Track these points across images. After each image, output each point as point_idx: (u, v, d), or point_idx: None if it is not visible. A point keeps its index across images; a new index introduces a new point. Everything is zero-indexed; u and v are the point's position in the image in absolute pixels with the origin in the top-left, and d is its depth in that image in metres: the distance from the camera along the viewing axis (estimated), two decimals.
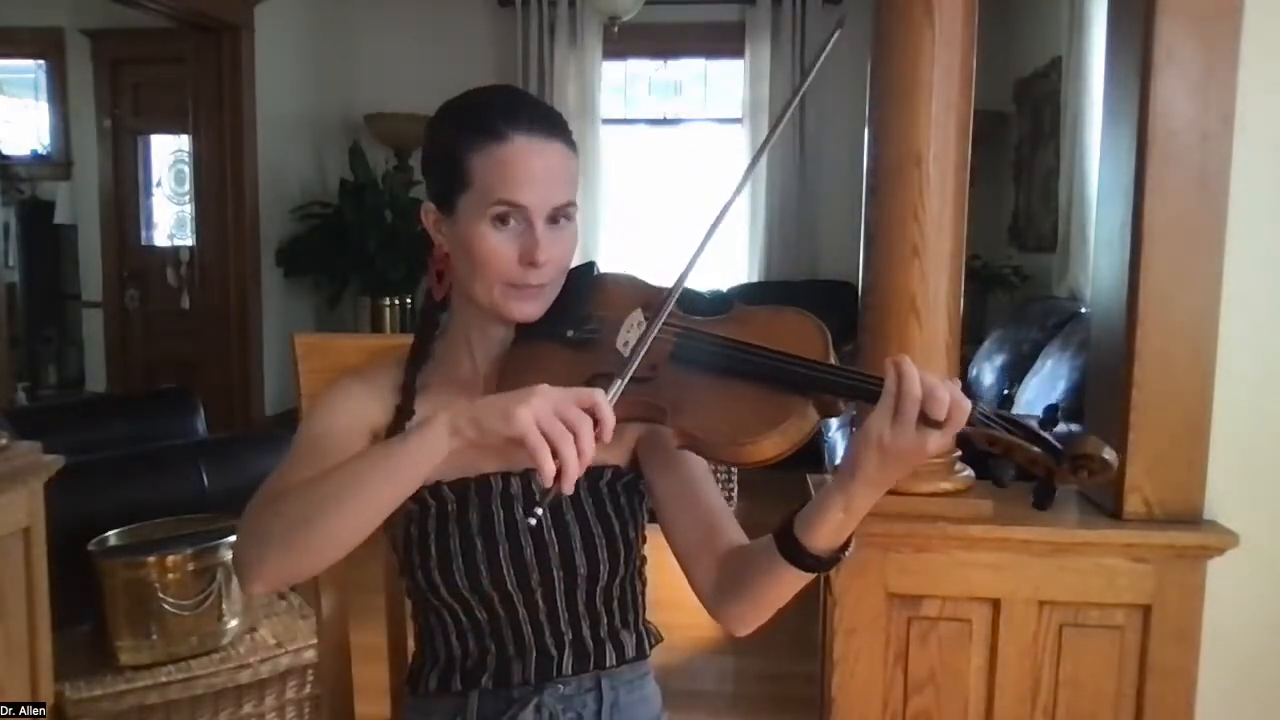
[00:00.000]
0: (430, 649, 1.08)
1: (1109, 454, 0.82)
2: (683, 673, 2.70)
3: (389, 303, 5.43)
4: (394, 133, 5.51)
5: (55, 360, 6.32)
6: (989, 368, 3.79)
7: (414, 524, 1.02)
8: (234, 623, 2.18)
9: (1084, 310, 3.36)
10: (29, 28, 5.80)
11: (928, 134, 1.31)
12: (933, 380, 0.82)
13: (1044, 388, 3.01)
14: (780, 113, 0.99)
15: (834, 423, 3.64)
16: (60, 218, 6.10)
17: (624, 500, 1.07)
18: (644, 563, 1.13)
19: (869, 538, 0.96)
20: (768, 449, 0.88)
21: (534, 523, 0.82)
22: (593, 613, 1.06)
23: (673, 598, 1.53)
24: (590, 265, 1.10)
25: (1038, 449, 0.84)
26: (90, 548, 2.12)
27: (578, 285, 1.06)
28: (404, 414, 1.04)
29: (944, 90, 1.31)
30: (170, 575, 2.08)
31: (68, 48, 5.78)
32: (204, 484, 2.46)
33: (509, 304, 1.01)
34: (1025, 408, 3.00)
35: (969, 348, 3.89)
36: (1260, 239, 1.35)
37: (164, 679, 2.05)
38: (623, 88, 6.12)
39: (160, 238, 5.80)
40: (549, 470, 0.78)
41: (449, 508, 1.02)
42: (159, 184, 5.80)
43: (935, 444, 0.83)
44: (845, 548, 0.92)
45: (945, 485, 1.35)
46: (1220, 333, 1.34)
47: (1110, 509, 1.38)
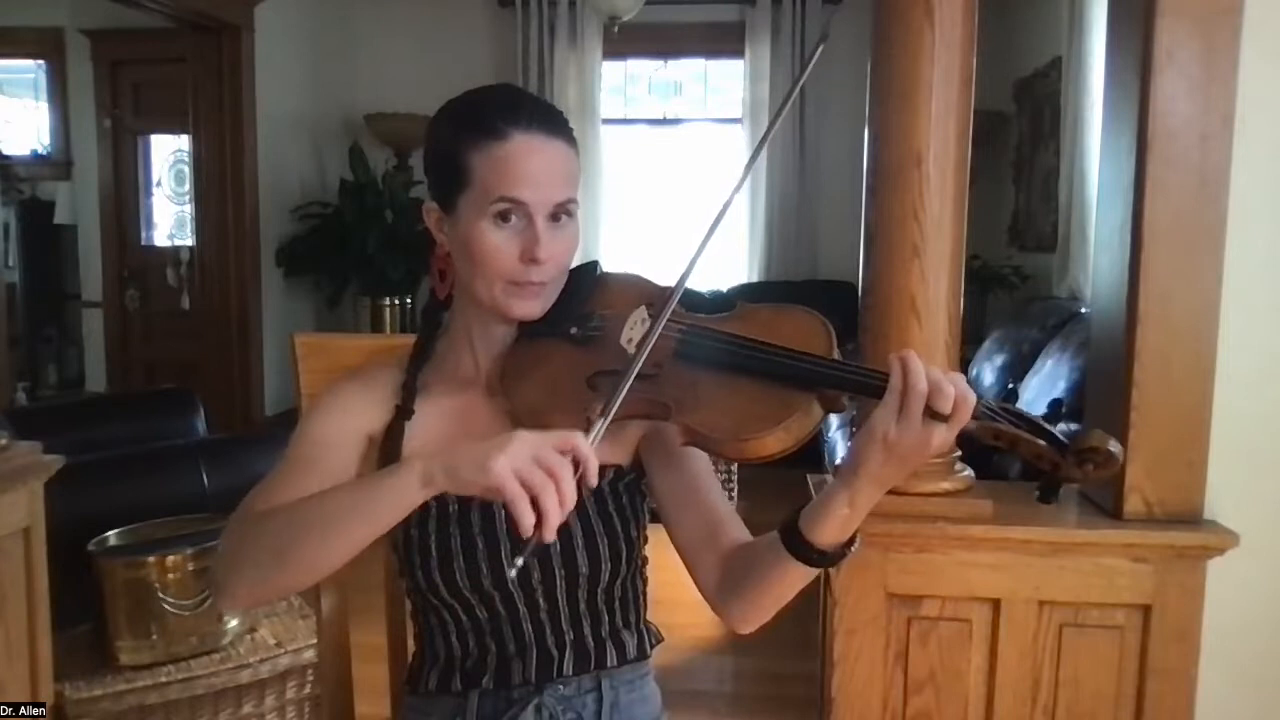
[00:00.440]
0: (430, 649, 1.08)
1: (1114, 446, 0.82)
2: (683, 673, 2.70)
3: (389, 303, 5.43)
4: (394, 133, 5.52)
5: (55, 360, 6.32)
6: (989, 368, 3.78)
7: (414, 524, 1.02)
8: (234, 623, 2.18)
9: (1084, 310, 3.36)
10: (29, 28, 5.81)
11: (928, 134, 1.31)
12: (938, 374, 0.82)
13: (1044, 388, 3.01)
14: (770, 122, 0.98)
15: (834, 423, 3.64)
16: (60, 218, 6.10)
17: (626, 500, 1.07)
18: (645, 562, 1.13)
19: (869, 538, 0.96)
20: (772, 445, 0.88)
21: (514, 573, 0.79)
22: (594, 612, 1.06)
23: (673, 597, 1.53)
24: (593, 264, 1.10)
25: (1043, 442, 0.83)
26: (90, 548, 2.12)
27: (580, 284, 1.06)
28: (404, 413, 1.04)
29: (944, 90, 1.30)
30: (170, 575, 2.09)
31: (68, 48, 5.79)
32: (204, 484, 2.46)
33: (511, 302, 1.01)
34: (1026, 407, 2.99)
35: (969, 348, 3.89)
36: (1260, 239, 1.35)
37: (164, 679, 2.05)
38: (623, 88, 6.12)
39: (160, 238, 5.81)
40: (528, 522, 0.76)
41: (450, 508, 1.02)
42: (159, 184, 5.80)
43: (940, 438, 0.83)
44: (850, 543, 0.93)
45: (945, 485, 1.35)
46: (1220, 332, 1.34)
47: (1110, 509, 1.38)
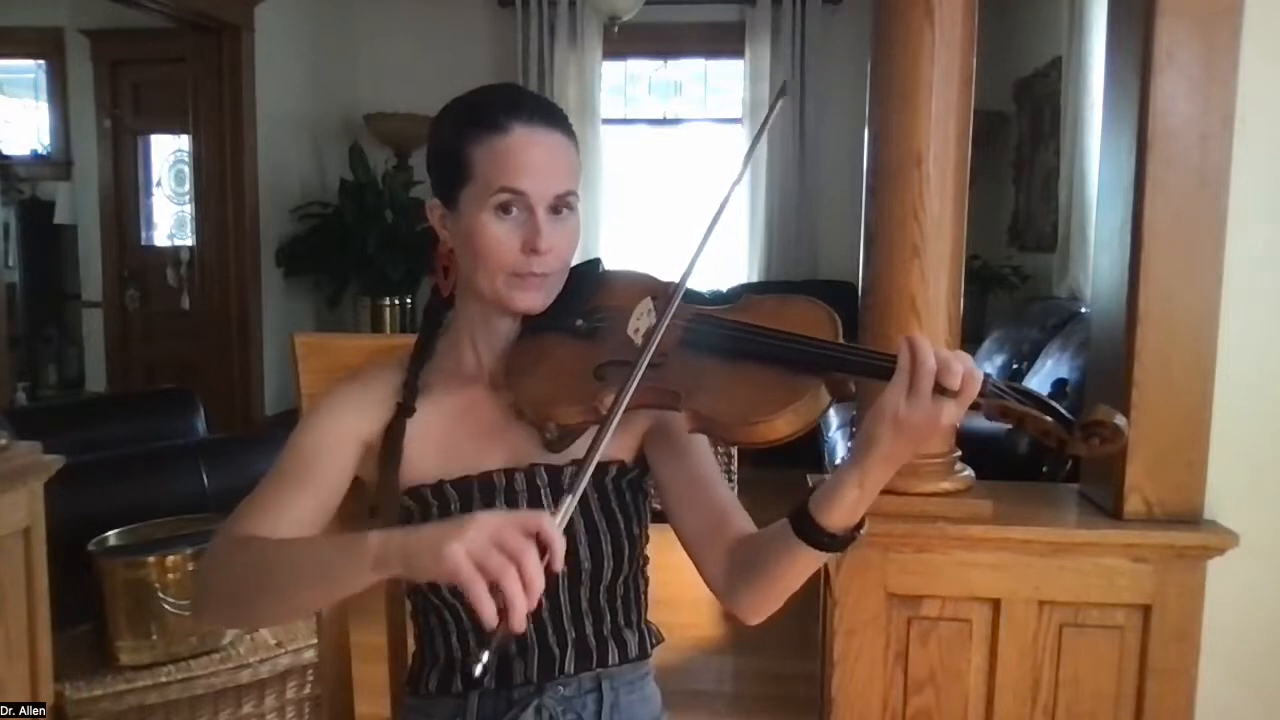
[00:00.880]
0: (431, 649, 1.08)
1: (1120, 420, 0.83)
2: (683, 673, 2.70)
3: (389, 303, 5.43)
4: (394, 133, 5.51)
5: (55, 360, 6.32)
6: (989, 368, 3.78)
7: (415, 523, 1.02)
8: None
9: (1084, 310, 3.36)
10: (29, 28, 5.81)
11: (928, 134, 1.31)
12: (946, 352, 0.84)
13: (1044, 387, 3.01)
14: (738, 176, 0.99)
15: (834, 423, 3.65)
16: (60, 218, 6.10)
17: (629, 497, 1.07)
18: (646, 562, 1.13)
19: (869, 537, 0.96)
20: (782, 427, 0.89)
21: (478, 672, 0.72)
22: (595, 610, 1.06)
23: (673, 597, 1.53)
24: (595, 262, 1.10)
25: (1050, 418, 0.85)
26: (90, 548, 2.12)
27: (583, 280, 1.07)
28: (405, 411, 1.04)
29: (944, 90, 1.31)
30: (170, 575, 2.08)
31: (68, 48, 5.78)
32: (204, 484, 2.46)
33: (513, 294, 1.01)
34: None
35: (969, 348, 3.86)
36: (1260, 239, 1.35)
37: (164, 679, 2.05)
38: (623, 88, 6.12)
39: (160, 238, 5.80)
40: (489, 613, 0.71)
41: (452, 507, 1.02)
42: (159, 184, 5.80)
43: (950, 415, 0.84)
44: (859, 527, 0.93)
45: (945, 485, 1.35)
46: (1220, 332, 1.34)
47: (1110, 509, 1.38)
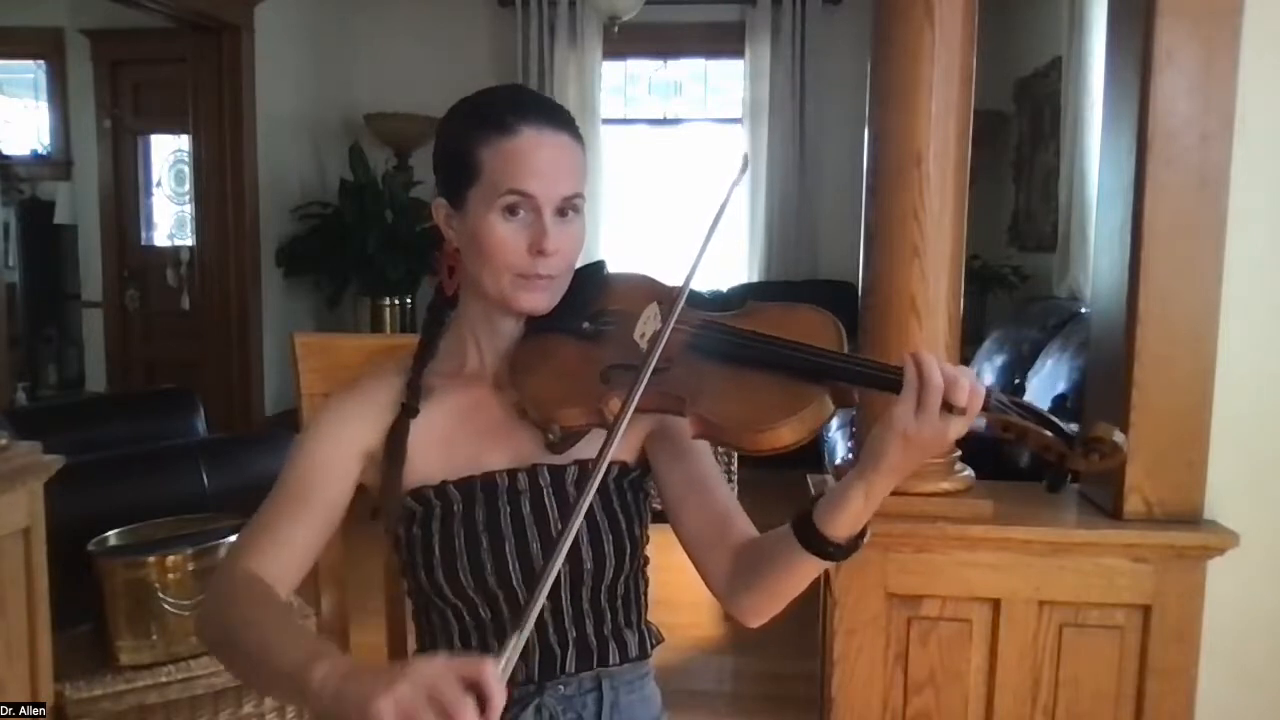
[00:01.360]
0: (432, 650, 1.08)
1: (1119, 437, 0.85)
2: (683, 673, 2.70)
3: (389, 303, 5.43)
4: (394, 133, 5.51)
5: (55, 360, 6.32)
6: (989, 368, 3.78)
7: (417, 524, 1.02)
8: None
9: (1084, 310, 3.36)
10: (29, 28, 5.80)
11: (928, 134, 1.31)
12: (952, 369, 0.85)
13: (1044, 388, 3.01)
14: (701, 246, 0.98)
15: (834, 423, 3.65)
16: (60, 218, 6.10)
17: (630, 498, 1.07)
18: (646, 562, 1.13)
19: (869, 537, 0.96)
20: (786, 435, 0.90)
21: None
22: (596, 610, 1.06)
23: (673, 597, 1.53)
24: (599, 264, 1.11)
25: (1050, 433, 0.87)
26: (90, 548, 2.12)
27: (587, 282, 1.07)
28: (409, 411, 1.04)
29: (944, 90, 1.31)
30: (170, 575, 2.08)
31: (68, 48, 5.78)
32: (204, 484, 2.46)
33: (518, 295, 1.01)
34: None
35: (969, 348, 3.89)
36: (1260, 239, 1.35)
37: (164, 679, 2.05)
38: (623, 88, 6.12)
39: (160, 238, 5.80)
40: None
41: (455, 507, 1.02)
42: (159, 184, 5.80)
43: (956, 430, 0.86)
44: (862, 535, 0.94)
45: (945, 485, 1.35)
46: (1220, 332, 1.34)
47: (1110, 509, 1.38)
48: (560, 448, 1.01)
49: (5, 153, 6.12)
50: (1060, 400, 0.78)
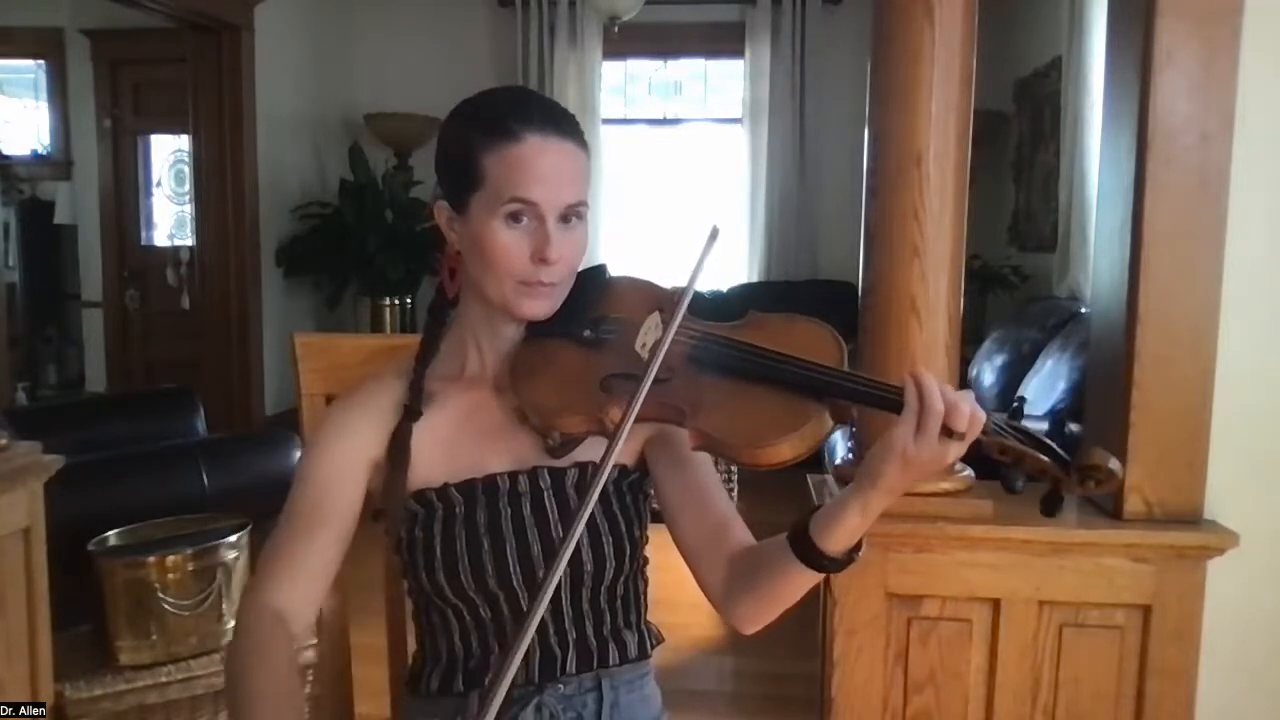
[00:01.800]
0: (432, 650, 1.08)
1: (1114, 464, 0.86)
2: (683, 673, 2.69)
3: (389, 303, 5.43)
4: (394, 133, 5.51)
5: (55, 360, 6.32)
6: (989, 368, 3.78)
7: (419, 526, 1.02)
8: (234, 622, 2.18)
9: (1084, 310, 3.36)
10: (29, 28, 5.81)
11: (928, 134, 1.31)
12: (953, 394, 0.86)
13: (1044, 388, 3.01)
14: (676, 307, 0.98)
15: None
16: (60, 218, 6.10)
17: (630, 499, 1.07)
18: (646, 563, 1.13)
19: (869, 538, 0.96)
20: (786, 452, 0.90)
21: None
22: (596, 611, 1.06)
23: (673, 597, 1.53)
24: (601, 268, 1.10)
25: (1046, 459, 0.87)
26: (90, 548, 2.12)
27: (589, 287, 1.07)
28: (412, 414, 1.04)
29: (944, 90, 1.30)
30: (170, 575, 2.09)
31: (68, 48, 5.79)
32: (204, 484, 2.46)
33: (520, 301, 1.01)
34: (1027, 408, 2.98)
35: (969, 348, 3.88)
36: (1260, 239, 1.35)
37: (164, 679, 2.05)
38: (623, 88, 6.12)
39: (160, 238, 5.81)
40: None
41: (457, 509, 1.02)
42: (159, 184, 5.80)
43: (955, 453, 0.86)
44: (857, 549, 0.95)
45: (945, 485, 1.35)
46: (1220, 332, 1.34)
47: (1110, 509, 1.38)
48: (560, 453, 1.02)
49: (5, 153, 6.12)
50: (1054, 417, 0.78)
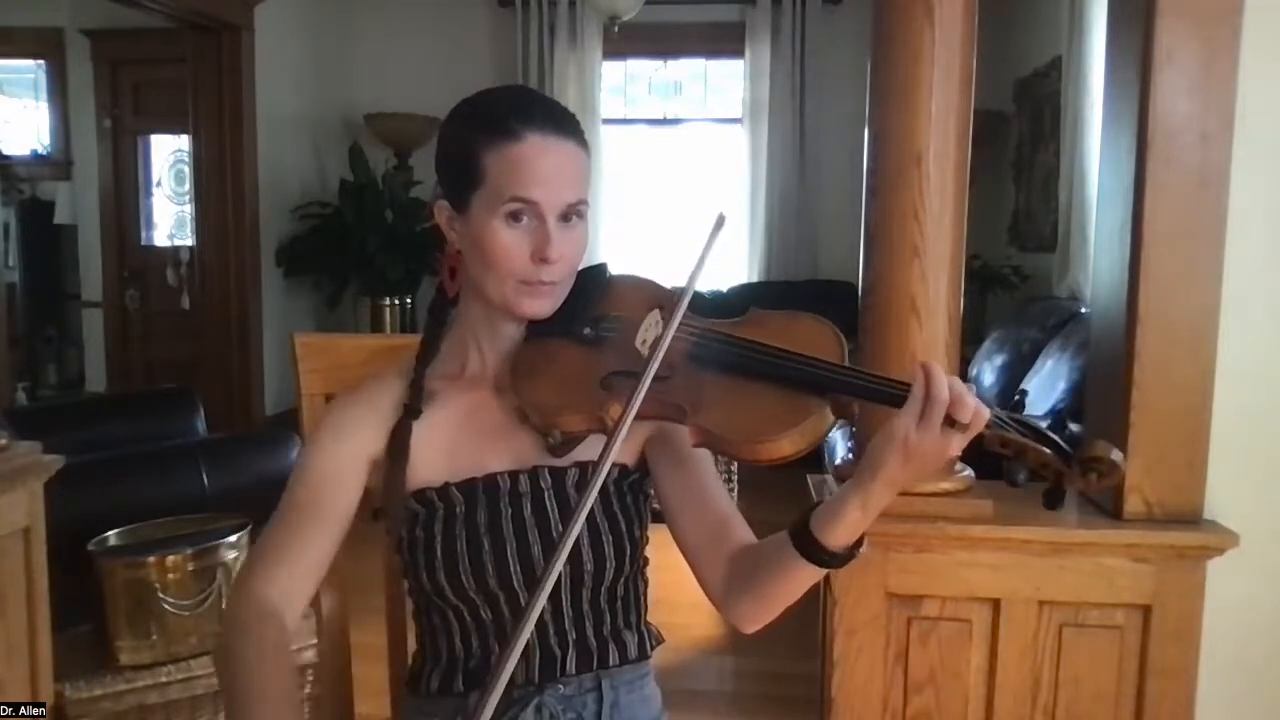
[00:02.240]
0: (432, 650, 1.08)
1: (1117, 456, 0.85)
2: (683, 673, 2.69)
3: (389, 303, 5.43)
4: (394, 133, 5.51)
5: (55, 360, 6.32)
6: (989, 368, 3.78)
7: (420, 526, 1.02)
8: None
9: (1084, 310, 3.36)
10: (29, 28, 5.81)
11: (928, 134, 1.31)
12: (959, 385, 0.85)
13: (1044, 388, 3.01)
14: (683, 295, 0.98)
15: None
16: (60, 218, 6.10)
17: (630, 499, 1.07)
18: (646, 563, 1.13)
19: (869, 537, 0.96)
20: (786, 447, 0.90)
21: None
22: (596, 611, 1.06)
23: (673, 597, 1.53)
24: (602, 267, 1.10)
25: (1049, 451, 0.87)
26: (90, 548, 2.12)
27: (589, 285, 1.07)
28: (412, 413, 1.04)
29: (944, 90, 1.30)
30: (170, 575, 2.09)
31: (68, 48, 5.79)
32: (204, 484, 2.46)
33: (521, 300, 1.01)
34: (1027, 408, 2.99)
35: (969, 348, 3.89)
36: (1260, 239, 1.35)
37: (164, 679, 2.05)
38: (623, 88, 6.12)
39: (160, 238, 5.81)
40: None
41: (457, 509, 1.02)
42: (159, 184, 5.80)
43: (957, 445, 0.86)
44: (859, 544, 0.94)
45: (945, 485, 1.35)
46: (1220, 332, 1.34)
47: (1110, 509, 1.38)
48: (560, 452, 1.02)
49: (5, 153, 6.12)
50: (1055, 415, 0.78)
